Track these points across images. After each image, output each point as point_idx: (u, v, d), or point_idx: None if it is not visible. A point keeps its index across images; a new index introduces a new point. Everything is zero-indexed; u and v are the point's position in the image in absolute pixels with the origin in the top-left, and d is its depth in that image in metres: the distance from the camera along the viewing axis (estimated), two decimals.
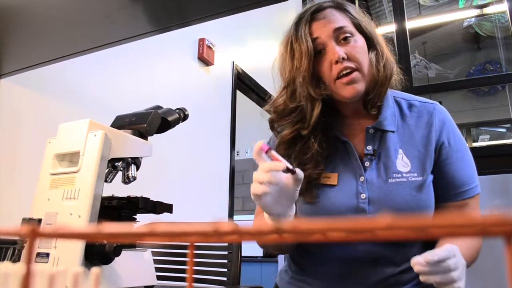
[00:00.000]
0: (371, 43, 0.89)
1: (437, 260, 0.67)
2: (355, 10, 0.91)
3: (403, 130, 0.90)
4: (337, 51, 0.83)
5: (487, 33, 5.02)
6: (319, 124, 0.87)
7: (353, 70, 0.84)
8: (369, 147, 0.88)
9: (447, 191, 0.87)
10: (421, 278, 0.70)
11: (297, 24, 0.88)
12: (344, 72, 0.83)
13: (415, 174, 0.85)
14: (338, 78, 0.84)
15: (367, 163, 0.88)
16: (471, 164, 0.90)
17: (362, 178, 0.86)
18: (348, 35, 0.85)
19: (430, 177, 0.86)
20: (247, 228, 0.18)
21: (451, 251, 0.69)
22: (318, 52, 0.86)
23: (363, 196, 0.85)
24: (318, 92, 0.84)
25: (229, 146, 3.05)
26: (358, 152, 0.89)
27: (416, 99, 0.95)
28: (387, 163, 0.86)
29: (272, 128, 0.96)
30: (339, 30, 0.85)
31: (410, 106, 0.93)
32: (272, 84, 0.95)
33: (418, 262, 0.69)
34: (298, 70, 0.85)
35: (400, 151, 0.87)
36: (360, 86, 0.84)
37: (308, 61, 0.84)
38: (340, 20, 0.87)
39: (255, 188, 0.72)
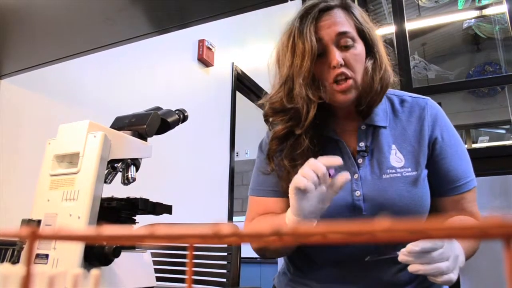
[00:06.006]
0: (370, 50, 0.88)
1: (419, 251, 0.68)
2: (360, 13, 0.90)
3: (395, 126, 0.90)
4: (336, 56, 0.83)
5: (486, 35, 5.03)
6: (310, 123, 0.87)
7: (347, 78, 0.83)
8: (362, 144, 0.89)
9: (442, 186, 0.88)
10: (409, 268, 0.70)
11: (302, 18, 0.87)
12: (339, 78, 0.83)
13: (409, 169, 0.85)
14: (333, 83, 0.84)
15: (360, 160, 0.88)
16: (465, 158, 0.90)
17: (356, 176, 0.86)
18: (349, 42, 0.85)
19: (425, 171, 0.86)
20: (247, 230, 0.18)
21: (438, 242, 0.69)
22: (318, 54, 0.86)
23: (358, 193, 0.85)
24: (316, 95, 0.84)
25: (229, 147, 3.05)
26: (350, 149, 0.89)
27: (407, 95, 0.95)
28: (380, 159, 0.87)
29: (266, 121, 0.96)
30: (342, 35, 0.84)
31: (402, 101, 0.94)
32: (268, 76, 0.95)
33: (402, 251, 0.70)
34: (299, 69, 0.84)
35: (393, 146, 0.88)
36: (352, 95, 0.85)
37: (311, 62, 0.83)
38: (344, 24, 0.86)
39: (299, 181, 0.72)
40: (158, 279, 1.15)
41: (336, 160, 0.72)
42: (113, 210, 0.89)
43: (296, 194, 0.73)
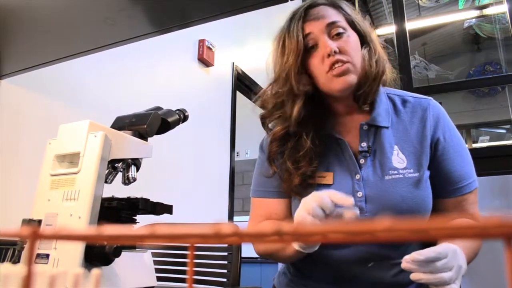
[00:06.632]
0: (364, 40, 0.89)
1: (423, 260, 0.67)
2: (348, 7, 0.91)
3: (398, 126, 0.89)
4: (329, 44, 0.83)
5: (487, 34, 5.03)
6: (309, 121, 0.86)
7: (344, 63, 0.83)
8: (364, 144, 0.88)
9: (444, 187, 0.87)
10: (411, 276, 0.70)
11: (291, 20, 0.89)
12: (336, 65, 0.83)
13: (411, 170, 0.84)
14: (330, 70, 0.83)
15: (362, 161, 0.87)
16: (467, 158, 0.89)
17: (357, 176, 0.86)
18: (341, 30, 0.85)
19: (427, 173, 0.86)
20: (247, 230, 0.18)
21: (442, 252, 0.68)
22: (311, 48, 0.86)
23: (360, 194, 0.84)
24: (300, 88, 0.84)
25: (229, 147, 3.05)
26: (352, 149, 0.88)
27: (409, 95, 0.95)
28: (382, 160, 0.86)
29: (263, 124, 0.96)
30: (332, 25, 0.85)
31: (404, 102, 0.93)
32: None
33: (405, 258, 0.69)
34: (285, 65, 0.85)
35: (395, 147, 0.87)
36: (351, 78, 0.84)
37: (296, 57, 0.84)
38: (333, 15, 0.87)
39: (305, 220, 0.70)
40: (159, 279, 1.15)
41: (347, 201, 0.69)
42: (113, 210, 0.89)
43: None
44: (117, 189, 0.95)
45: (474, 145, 5.73)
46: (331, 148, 0.89)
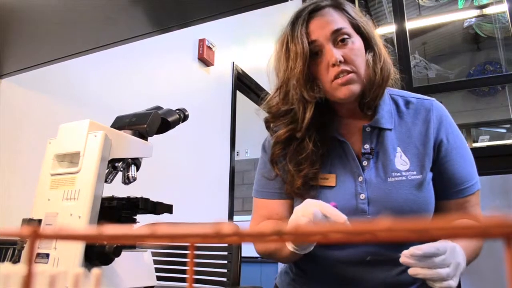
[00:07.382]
0: (368, 44, 0.88)
1: (422, 254, 0.68)
2: (353, 9, 0.90)
3: (401, 128, 0.89)
4: (334, 54, 0.82)
5: (487, 34, 5.02)
6: (313, 125, 0.86)
7: (349, 73, 0.83)
8: (366, 146, 0.88)
9: (447, 189, 0.87)
10: (409, 271, 0.70)
11: (294, 23, 0.87)
12: (341, 75, 0.82)
13: (414, 172, 0.84)
14: (334, 79, 0.83)
15: (365, 163, 0.87)
16: (470, 160, 0.89)
17: (360, 178, 0.85)
18: (345, 37, 0.84)
19: (430, 175, 0.86)
20: (248, 230, 0.18)
21: (441, 248, 0.69)
22: (315, 54, 0.85)
23: (362, 196, 0.84)
24: (312, 95, 0.83)
25: (229, 146, 3.05)
26: (355, 151, 0.88)
27: (412, 95, 0.94)
28: (385, 162, 0.86)
29: (268, 128, 0.96)
30: (337, 32, 0.84)
31: (407, 103, 0.92)
32: (269, 83, 0.95)
33: (404, 253, 0.70)
34: (293, 72, 0.84)
35: (398, 149, 0.87)
36: (356, 88, 0.83)
37: (303, 63, 0.83)
38: (338, 21, 0.85)
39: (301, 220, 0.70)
40: (159, 278, 1.15)
41: (339, 218, 0.68)
42: (113, 210, 0.89)
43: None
44: (117, 189, 0.95)
45: (474, 145, 5.72)
46: (334, 150, 0.89)
